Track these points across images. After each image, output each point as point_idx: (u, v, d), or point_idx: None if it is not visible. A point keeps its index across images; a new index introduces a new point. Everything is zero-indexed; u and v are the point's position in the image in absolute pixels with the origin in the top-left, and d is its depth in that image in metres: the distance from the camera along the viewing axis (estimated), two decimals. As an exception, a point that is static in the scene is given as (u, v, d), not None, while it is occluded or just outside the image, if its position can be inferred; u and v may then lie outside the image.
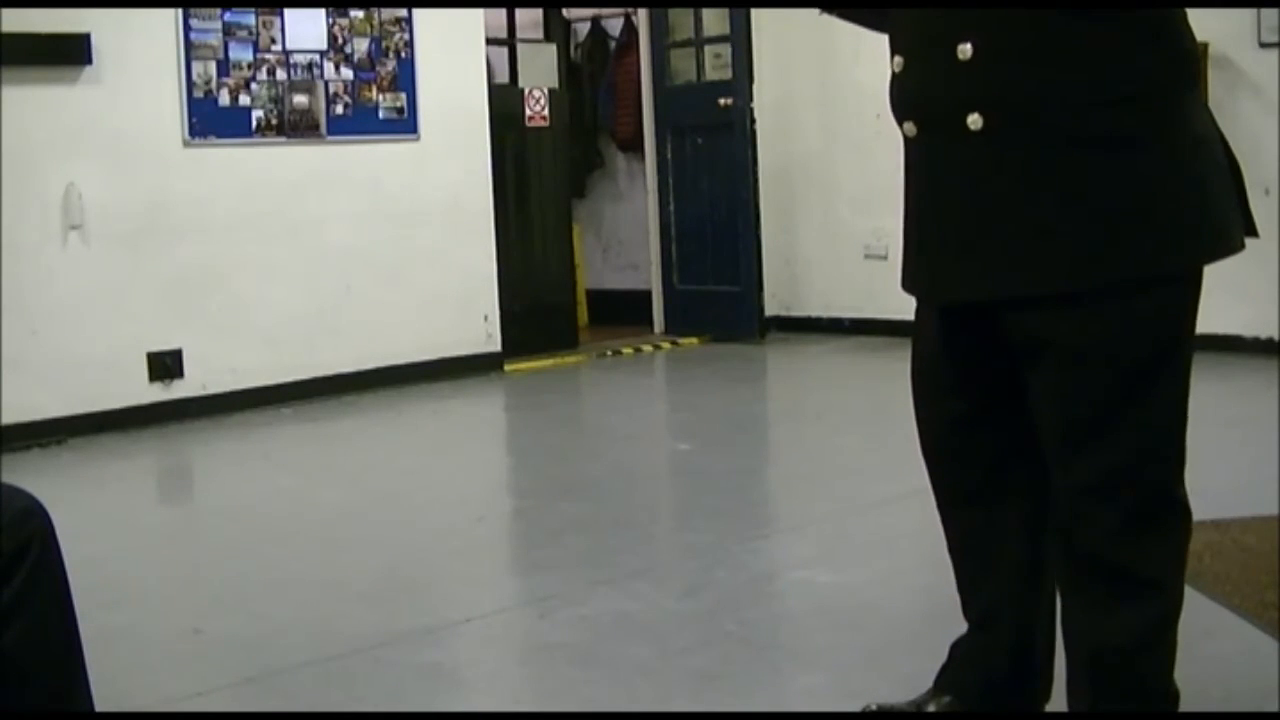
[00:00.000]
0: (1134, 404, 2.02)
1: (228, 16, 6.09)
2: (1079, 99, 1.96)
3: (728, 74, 7.81)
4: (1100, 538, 2.06)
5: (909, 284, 2.19)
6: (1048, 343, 2.04)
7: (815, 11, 2.36)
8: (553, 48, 8.21)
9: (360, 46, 6.51)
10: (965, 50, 1.99)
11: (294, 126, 6.30)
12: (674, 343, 7.85)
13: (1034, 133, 1.98)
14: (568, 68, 8.72)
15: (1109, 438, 2.03)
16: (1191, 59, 2.06)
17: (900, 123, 2.12)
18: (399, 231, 6.66)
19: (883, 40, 2.20)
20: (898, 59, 2.11)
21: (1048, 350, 2.05)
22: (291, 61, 6.29)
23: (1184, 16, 2.05)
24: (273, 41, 6.23)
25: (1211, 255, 2.04)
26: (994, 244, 2.03)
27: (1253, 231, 2.09)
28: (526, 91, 7.59)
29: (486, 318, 7.01)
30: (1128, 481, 2.03)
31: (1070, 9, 1.96)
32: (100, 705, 2.11)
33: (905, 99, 2.11)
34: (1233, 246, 2.05)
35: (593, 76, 9.12)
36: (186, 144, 5.99)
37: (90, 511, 4.46)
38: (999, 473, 2.21)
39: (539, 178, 7.61)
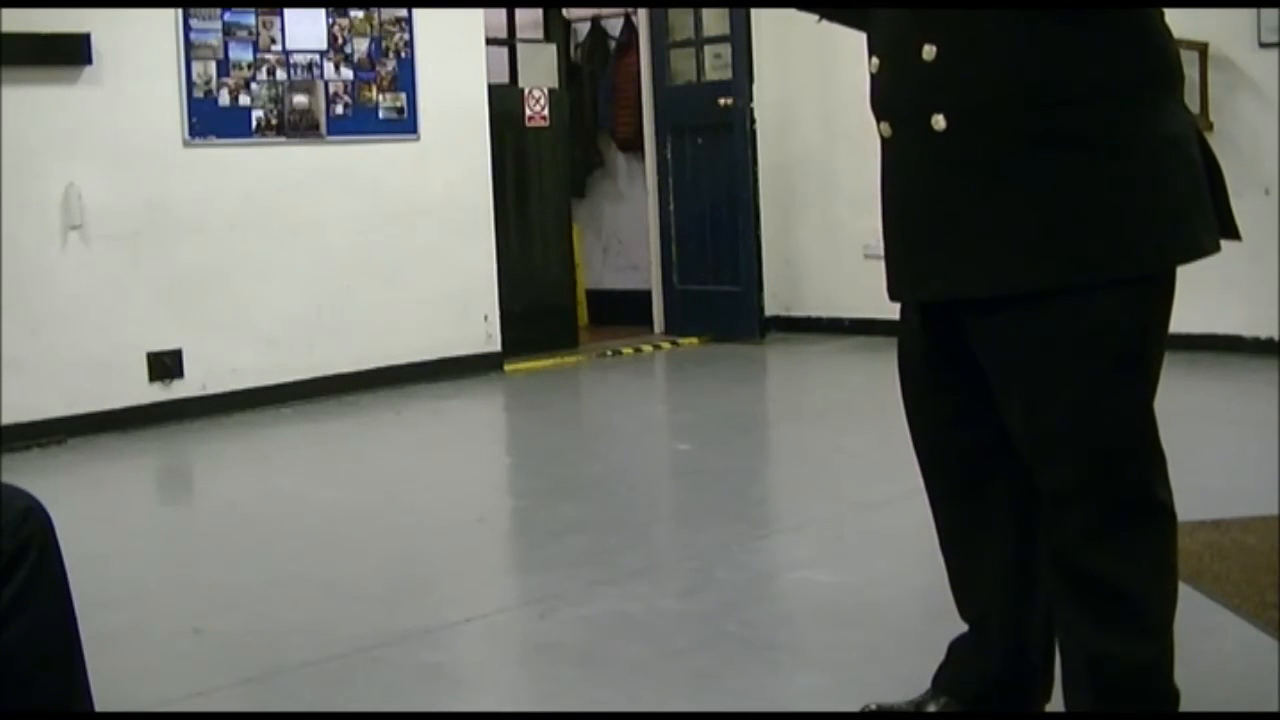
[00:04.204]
0: (1096, 408, 2.01)
1: (228, 16, 6.08)
2: (1040, 100, 1.96)
3: (728, 74, 7.81)
4: (1071, 542, 2.06)
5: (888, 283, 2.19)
6: (1006, 345, 2.05)
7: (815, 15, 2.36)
8: (553, 48, 8.21)
9: (360, 46, 6.51)
10: (929, 51, 2.01)
11: (294, 126, 6.30)
12: (674, 343, 7.84)
13: (995, 133, 1.99)
14: (568, 68, 8.72)
15: (1072, 442, 2.03)
16: (1164, 60, 2.03)
17: (877, 122, 2.13)
18: (399, 231, 6.66)
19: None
20: (874, 60, 2.13)
21: (1007, 353, 2.05)
22: (291, 61, 6.29)
23: (1158, 17, 2.03)
24: (273, 41, 6.23)
25: (1173, 260, 2.01)
26: (955, 243, 2.04)
27: (1232, 234, 2.07)
28: (526, 91, 7.59)
29: (486, 318, 7.01)
30: (1094, 486, 2.03)
31: (1031, 11, 1.95)
32: (100, 705, 2.11)
33: (879, 99, 2.13)
34: (1199, 250, 2.03)
35: (593, 76, 9.12)
36: (186, 144, 5.99)
37: (90, 511, 4.46)
38: (984, 470, 2.21)
39: (539, 178, 7.61)
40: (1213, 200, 2.05)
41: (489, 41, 7.24)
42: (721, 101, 7.77)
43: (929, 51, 2.01)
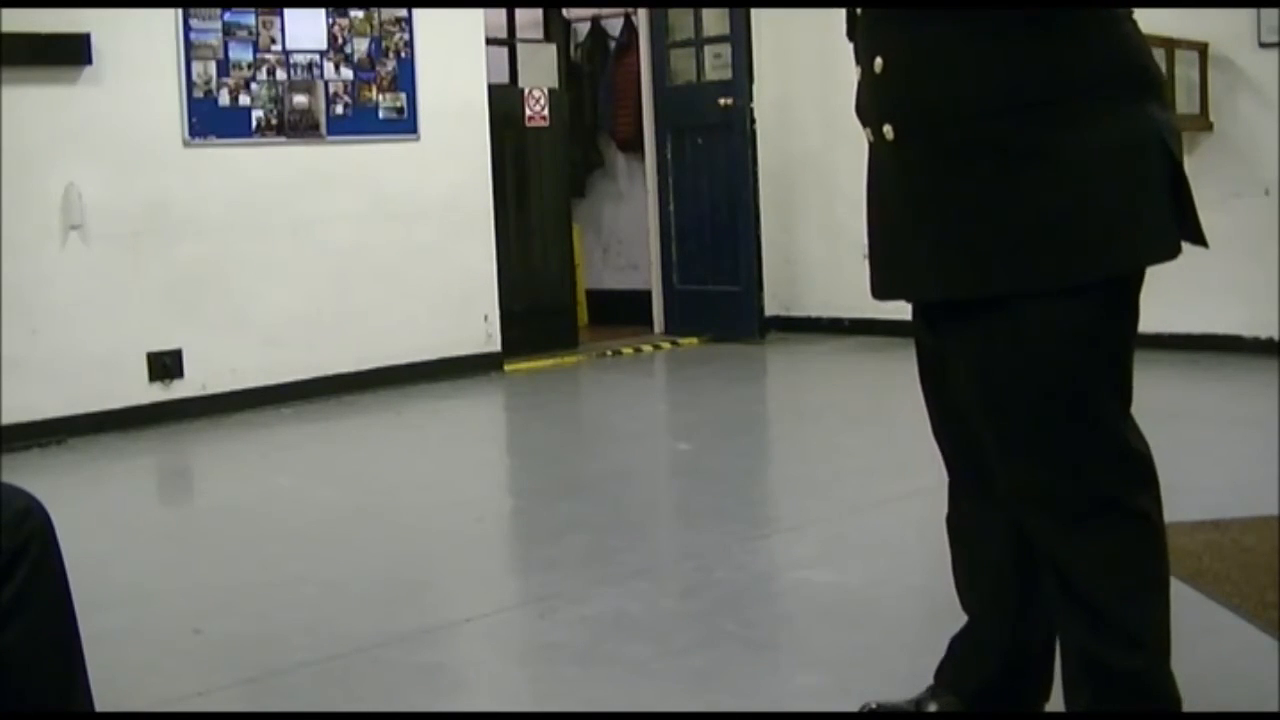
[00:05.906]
0: (1050, 415, 2.00)
1: (228, 16, 6.09)
2: (978, 110, 1.97)
3: (728, 74, 7.81)
4: (1045, 545, 2.07)
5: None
6: (961, 350, 2.08)
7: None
8: (553, 48, 8.21)
9: (360, 46, 6.51)
10: (878, 64, 2.06)
11: (294, 126, 6.30)
12: (674, 343, 7.84)
13: (935, 142, 2.01)
14: (568, 68, 8.72)
15: (1028, 448, 2.03)
16: (1122, 63, 2.00)
17: (863, 128, 2.16)
18: (399, 231, 6.66)
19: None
20: (858, 69, 2.16)
21: (963, 356, 2.08)
22: (291, 61, 6.29)
23: (1120, 19, 2.01)
24: (273, 41, 6.23)
25: (1116, 267, 1.99)
26: (907, 247, 2.09)
27: (1196, 239, 2.03)
28: (526, 91, 7.59)
29: (486, 318, 7.01)
30: (1058, 490, 2.02)
31: (969, 24, 1.95)
32: (100, 705, 2.11)
33: (857, 107, 2.18)
34: (1146, 258, 2.00)
35: (593, 76, 9.12)
36: (186, 144, 5.99)
37: (90, 511, 4.46)
38: (988, 465, 2.21)
39: (539, 178, 7.61)
40: (1177, 205, 2.02)
41: (489, 41, 7.24)
42: (721, 101, 7.77)
43: (878, 64, 2.06)
